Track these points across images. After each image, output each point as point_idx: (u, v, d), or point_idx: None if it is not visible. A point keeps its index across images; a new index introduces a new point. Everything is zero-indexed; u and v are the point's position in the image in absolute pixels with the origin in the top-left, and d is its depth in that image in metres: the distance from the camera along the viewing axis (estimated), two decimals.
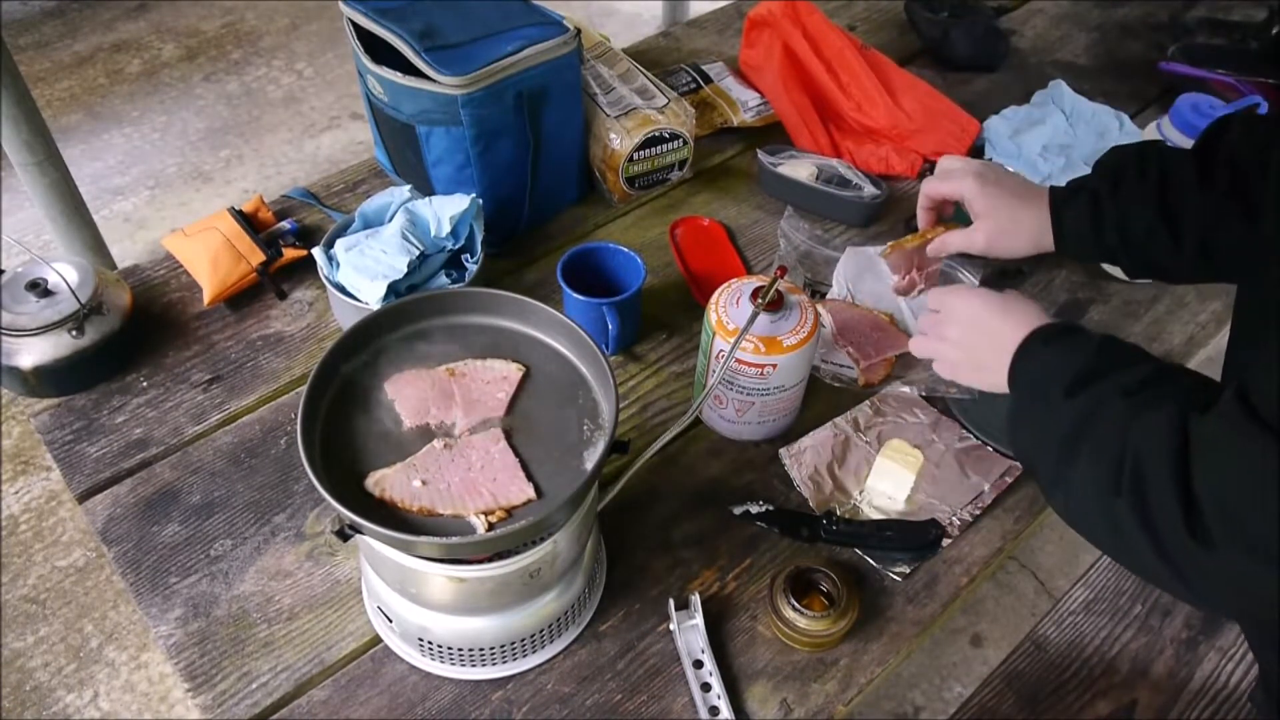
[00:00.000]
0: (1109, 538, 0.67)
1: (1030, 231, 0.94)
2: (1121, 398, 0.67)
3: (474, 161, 1.13)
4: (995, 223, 0.94)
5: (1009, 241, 0.94)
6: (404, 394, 0.78)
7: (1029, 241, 0.94)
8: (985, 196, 0.94)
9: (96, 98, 2.85)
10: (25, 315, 1.00)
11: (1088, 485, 0.66)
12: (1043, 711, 0.97)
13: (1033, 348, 0.77)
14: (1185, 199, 0.87)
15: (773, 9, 1.37)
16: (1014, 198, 0.94)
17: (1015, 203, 0.94)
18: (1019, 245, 0.94)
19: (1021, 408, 0.76)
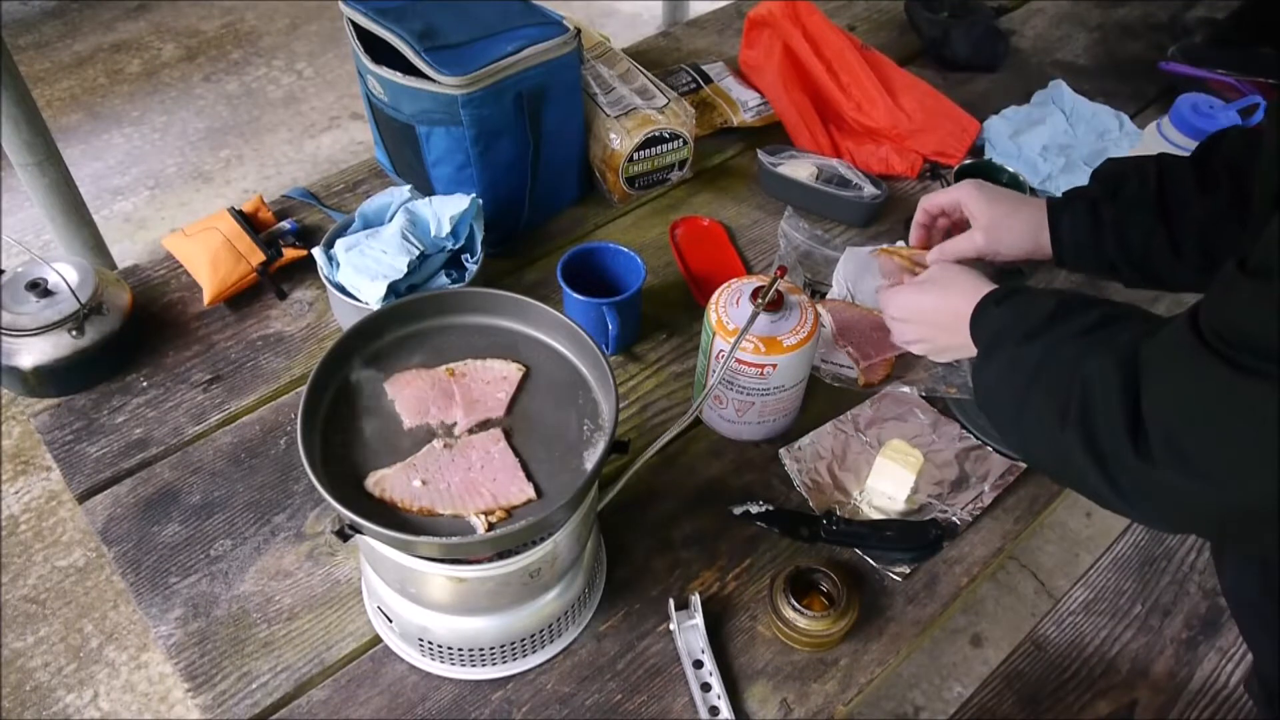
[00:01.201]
0: (1059, 468, 0.70)
1: (1028, 230, 0.94)
2: (1076, 337, 0.69)
3: (474, 161, 1.13)
4: (992, 221, 0.95)
5: (1008, 239, 0.95)
6: (404, 394, 0.78)
7: (1027, 240, 0.95)
8: (982, 200, 0.96)
9: (96, 98, 2.85)
10: (25, 315, 1.00)
11: (1040, 421, 0.68)
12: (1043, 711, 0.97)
13: (986, 310, 0.80)
14: (1185, 205, 0.87)
15: (773, 9, 1.37)
16: (1011, 201, 0.96)
17: (1013, 205, 0.96)
18: (1017, 244, 0.95)
19: (982, 364, 0.78)
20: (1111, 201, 0.90)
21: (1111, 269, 0.94)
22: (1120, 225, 0.89)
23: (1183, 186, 0.88)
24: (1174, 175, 0.89)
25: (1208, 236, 0.87)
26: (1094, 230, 0.91)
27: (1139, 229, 0.89)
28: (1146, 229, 0.89)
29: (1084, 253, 0.93)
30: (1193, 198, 0.87)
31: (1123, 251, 0.90)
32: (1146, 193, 0.89)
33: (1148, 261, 0.90)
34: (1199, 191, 0.87)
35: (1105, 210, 0.90)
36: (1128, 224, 0.89)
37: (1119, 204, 0.90)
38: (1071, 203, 0.93)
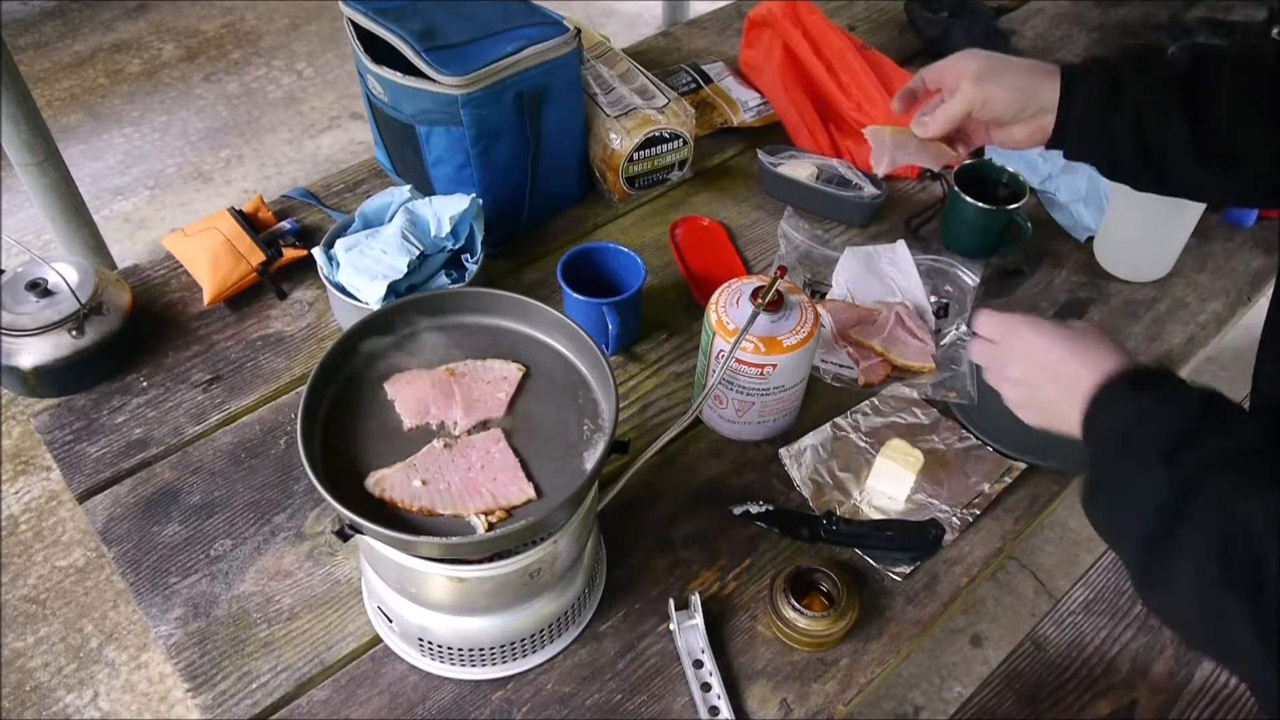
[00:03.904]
0: (1212, 635, 0.57)
1: (1027, 85, 0.83)
2: (1228, 468, 0.57)
3: (474, 161, 1.13)
4: (985, 69, 0.84)
5: (1000, 91, 0.84)
6: (404, 394, 0.78)
7: (1025, 96, 0.83)
8: (982, 59, 0.86)
9: (96, 98, 2.85)
10: (25, 315, 1.00)
11: (1190, 571, 0.56)
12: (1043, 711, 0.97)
13: (1119, 392, 0.66)
14: (1215, 98, 0.77)
15: (773, 9, 1.37)
16: (1015, 63, 0.86)
17: (1013, 61, 0.86)
18: (1011, 99, 0.84)
19: (1102, 467, 0.65)
20: (1137, 75, 0.79)
21: (1112, 159, 0.84)
22: (1141, 104, 0.79)
23: (1219, 77, 0.78)
24: (1210, 65, 0.79)
25: (1238, 138, 0.78)
26: (1109, 102, 0.80)
27: (1161, 112, 0.78)
28: (1169, 114, 0.78)
29: (1092, 128, 0.82)
30: (1228, 92, 0.77)
31: (1136, 135, 0.80)
32: (1176, 74, 0.79)
33: (1160, 152, 0.80)
34: (1236, 87, 0.77)
35: (1128, 83, 0.79)
36: (1150, 104, 0.79)
37: (1144, 79, 0.79)
38: (1090, 69, 0.82)
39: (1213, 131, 0.77)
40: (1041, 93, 0.82)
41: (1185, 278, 1.22)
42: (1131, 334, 1.15)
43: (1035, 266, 1.22)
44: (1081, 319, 1.16)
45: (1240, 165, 0.79)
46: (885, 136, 0.95)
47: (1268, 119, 0.75)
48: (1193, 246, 1.21)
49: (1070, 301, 1.18)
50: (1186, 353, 1.14)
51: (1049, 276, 1.21)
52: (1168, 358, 1.12)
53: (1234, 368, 2.13)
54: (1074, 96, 0.82)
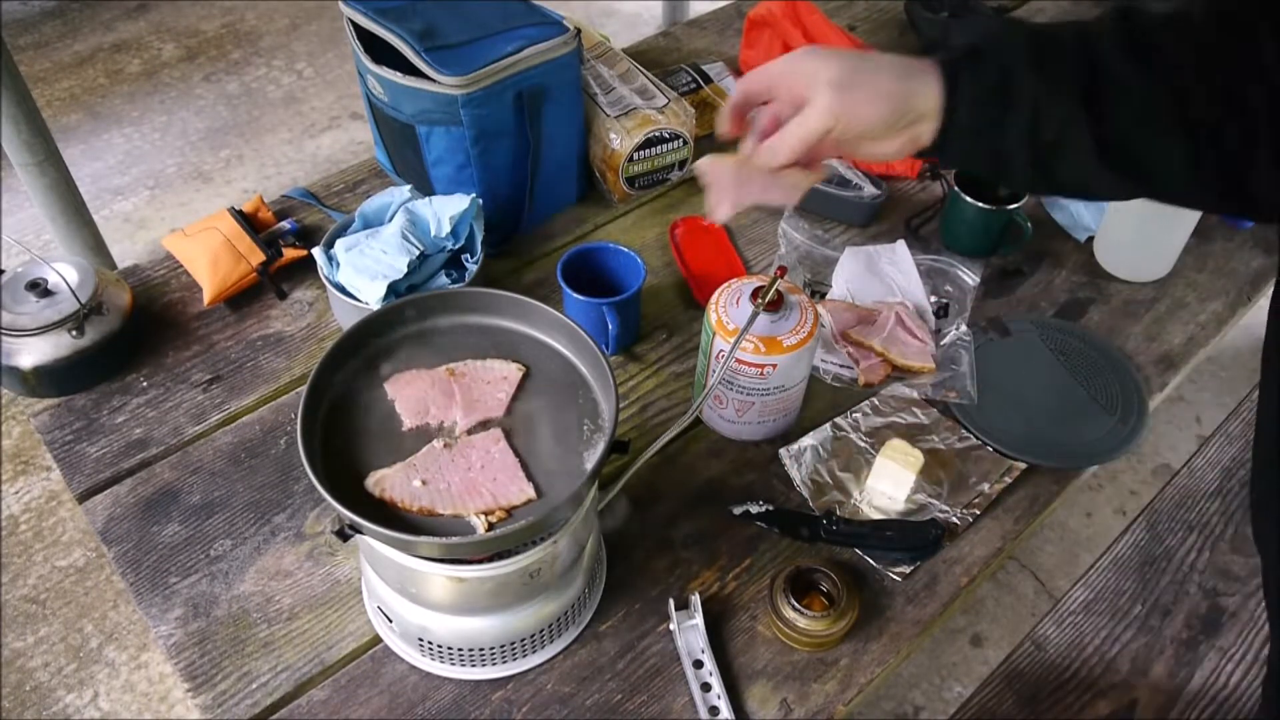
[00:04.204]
0: None
1: (898, 99, 0.66)
2: None
3: (474, 161, 1.13)
4: (843, 74, 0.66)
5: (865, 100, 0.66)
6: (404, 394, 0.78)
7: (897, 112, 0.66)
8: (823, 55, 0.68)
9: (96, 98, 2.85)
10: (25, 315, 1.00)
11: None
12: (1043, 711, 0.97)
13: None
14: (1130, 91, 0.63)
15: (773, 9, 1.37)
16: (878, 62, 0.68)
17: (879, 66, 0.67)
18: (880, 107, 0.66)
19: None
20: (1034, 70, 0.64)
21: (1000, 166, 0.68)
22: (1038, 105, 0.64)
23: (1133, 66, 0.63)
24: (1125, 48, 0.64)
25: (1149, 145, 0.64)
26: (1001, 103, 0.64)
27: (1060, 115, 0.64)
28: (1070, 117, 0.64)
29: (979, 135, 0.67)
30: (1140, 91, 0.63)
31: (1031, 140, 0.65)
32: (1080, 65, 0.64)
33: (1058, 159, 0.66)
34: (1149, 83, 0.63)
35: (1022, 79, 0.64)
36: (1048, 104, 0.64)
37: (1042, 75, 0.64)
38: (974, 62, 0.65)
39: (1120, 138, 0.64)
40: (918, 98, 0.66)
41: (1185, 278, 1.22)
42: (1132, 334, 1.15)
43: (1035, 266, 1.22)
44: (1081, 319, 1.16)
45: (1152, 178, 0.68)
46: (724, 171, 0.73)
47: (1183, 124, 0.62)
48: (1193, 246, 1.22)
49: (1070, 301, 1.18)
50: (1186, 353, 1.14)
51: (1049, 276, 1.21)
52: (1168, 358, 1.12)
53: (1234, 368, 2.13)
54: (959, 99, 0.66)
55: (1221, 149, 0.62)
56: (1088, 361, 1.10)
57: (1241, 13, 0.61)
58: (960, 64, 0.65)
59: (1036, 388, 1.08)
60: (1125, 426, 1.03)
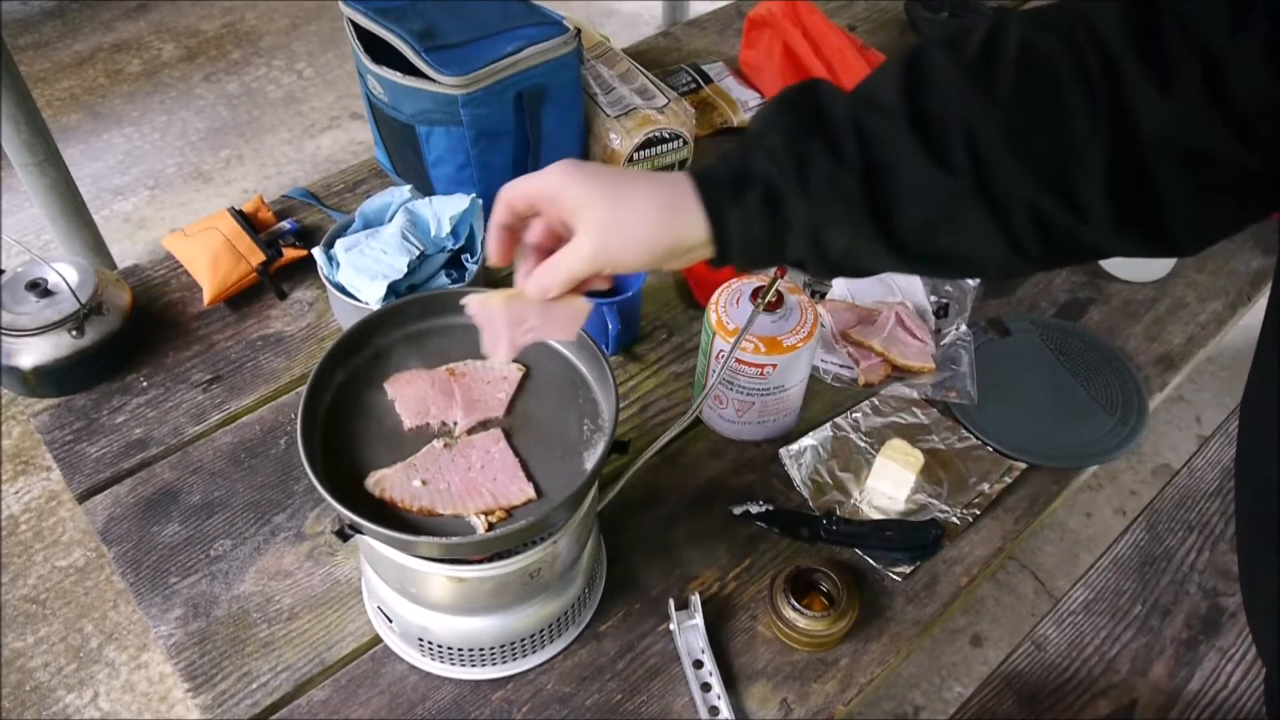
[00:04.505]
0: None
1: (660, 245, 0.61)
2: None
3: (474, 161, 1.13)
4: (600, 215, 0.61)
5: (623, 236, 0.61)
6: (404, 394, 0.78)
7: (663, 254, 0.61)
8: (580, 180, 0.62)
9: (96, 98, 2.85)
10: (25, 315, 1.00)
11: None
12: (1043, 711, 0.97)
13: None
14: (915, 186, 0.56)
15: (773, 9, 1.37)
16: (623, 181, 0.62)
17: (625, 185, 0.62)
18: (641, 243, 0.61)
19: None
20: (801, 191, 0.57)
21: (807, 269, 0.63)
22: (816, 226, 0.58)
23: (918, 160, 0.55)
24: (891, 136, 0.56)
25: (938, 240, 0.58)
26: (775, 228, 0.59)
27: (844, 232, 0.58)
28: (856, 232, 0.58)
29: (761, 257, 0.62)
30: (919, 186, 0.56)
31: (819, 256, 0.60)
32: (854, 171, 0.56)
33: (853, 265, 0.61)
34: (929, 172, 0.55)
35: (793, 203, 0.57)
36: (828, 223, 0.58)
37: (809, 194, 0.57)
38: (738, 187, 0.59)
39: (909, 236, 0.57)
40: (684, 237, 0.60)
41: (1185, 278, 1.22)
42: (1131, 334, 1.15)
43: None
44: (1081, 319, 1.16)
45: (965, 268, 0.64)
46: (494, 311, 0.67)
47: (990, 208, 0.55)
48: None
49: (1070, 301, 1.18)
50: (1186, 353, 1.14)
51: (1049, 276, 1.21)
52: (1168, 358, 1.12)
53: (1234, 368, 2.13)
54: (727, 236, 0.60)
55: (1045, 227, 0.55)
56: (1088, 361, 1.10)
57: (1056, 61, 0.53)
58: (724, 198, 0.59)
59: (1036, 388, 1.08)
60: (1125, 426, 1.03)
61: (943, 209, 0.56)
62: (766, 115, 0.60)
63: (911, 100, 0.56)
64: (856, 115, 0.57)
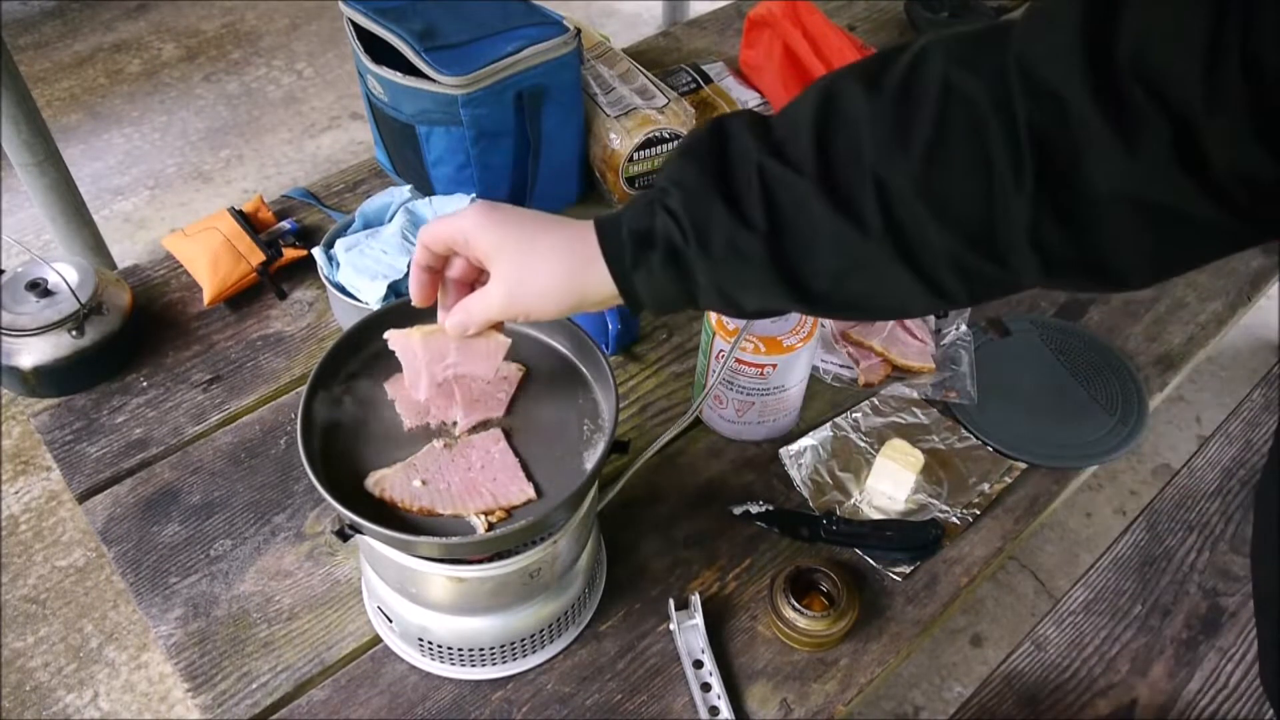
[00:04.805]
0: None
1: (569, 296, 0.62)
2: None
3: (474, 161, 1.13)
4: (510, 265, 0.63)
5: (534, 289, 0.62)
6: (404, 394, 0.78)
7: (557, 308, 0.63)
8: (490, 227, 0.63)
9: (96, 98, 2.85)
10: (25, 315, 1.00)
11: None
12: (1043, 711, 0.97)
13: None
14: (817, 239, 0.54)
15: (773, 9, 1.37)
16: (531, 226, 0.64)
17: (532, 232, 0.63)
18: (550, 295, 0.62)
19: None
20: (702, 251, 0.56)
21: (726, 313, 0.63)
22: (720, 283, 0.57)
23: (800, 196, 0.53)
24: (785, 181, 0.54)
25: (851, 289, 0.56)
26: (680, 285, 0.58)
27: (750, 288, 0.57)
28: (763, 290, 0.57)
29: (669, 309, 0.62)
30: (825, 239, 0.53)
31: (730, 307, 0.60)
32: (755, 225, 0.54)
33: (769, 312, 0.61)
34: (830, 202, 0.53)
35: (694, 261, 0.56)
36: (729, 280, 0.57)
37: (709, 254, 0.56)
38: (642, 250, 0.58)
39: (821, 290, 0.56)
40: (593, 291, 0.61)
41: (1185, 278, 1.22)
42: (1131, 334, 1.15)
43: None
44: (1081, 319, 1.16)
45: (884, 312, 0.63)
46: (415, 346, 0.70)
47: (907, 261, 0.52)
48: None
49: (1070, 302, 1.18)
50: (1186, 353, 1.14)
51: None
52: (1168, 358, 1.13)
53: (1234, 368, 2.13)
54: (635, 291, 0.60)
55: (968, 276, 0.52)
56: (1088, 361, 1.10)
57: None
58: (627, 258, 0.59)
59: (1036, 388, 1.08)
60: (1125, 426, 1.03)
61: (856, 262, 0.54)
62: (672, 166, 0.58)
63: (821, 147, 0.53)
64: (762, 167, 0.54)
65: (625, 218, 0.59)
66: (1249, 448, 1.19)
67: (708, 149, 0.57)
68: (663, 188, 0.58)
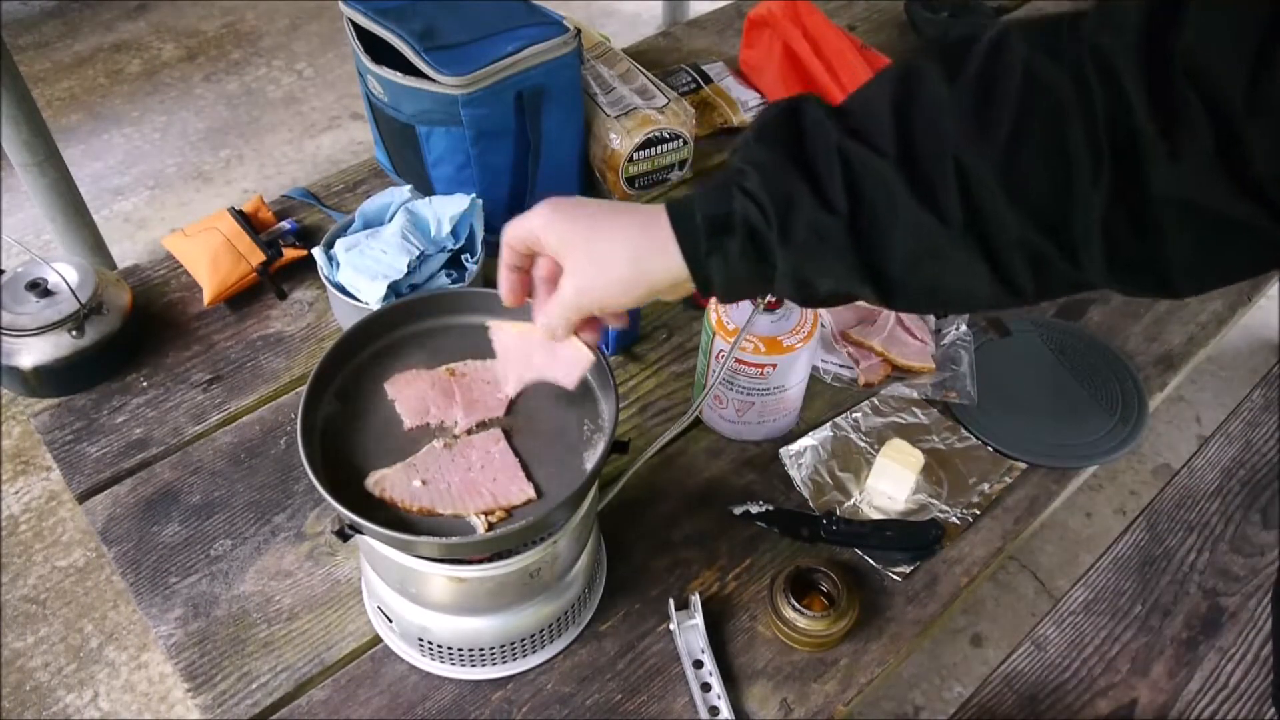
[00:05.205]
0: None
1: (642, 287, 0.61)
2: None
3: (474, 161, 1.13)
4: (577, 256, 0.63)
5: (601, 277, 0.62)
6: (404, 394, 0.78)
7: (630, 297, 0.62)
8: (558, 222, 0.63)
9: (96, 98, 2.85)
10: (25, 315, 1.00)
11: None
12: (1043, 711, 0.97)
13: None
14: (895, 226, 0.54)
15: (773, 9, 1.37)
16: (598, 215, 0.63)
17: (599, 219, 0.62)
18: (616, 282, 0.62)
19: None
20: (783, 237, 0.55)
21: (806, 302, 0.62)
22: (797, 266, 0.56)
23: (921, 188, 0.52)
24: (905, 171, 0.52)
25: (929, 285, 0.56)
26: (757, 268, 0.58)
27: (829, 273, 0.56)
28: (842, 276, 0.56)
29: (744, 292, 0.62)
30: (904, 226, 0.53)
31: (802, 294, 0.59)
32: (838, 211, 0.54)
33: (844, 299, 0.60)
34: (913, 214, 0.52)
35: (771, 247, 0.56)
36: (806, 264, 0.56)
37: (789, 238, 0.55)
38: (720, 235, 0.57)
39: (897, 277, 0.55)
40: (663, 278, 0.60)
41: None
42: (1131, 334, 1.15)
43: None
44: (1081, 319, 1.16)
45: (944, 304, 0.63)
46: (510, 343, 0.73)
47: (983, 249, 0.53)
48: None
49: (1070, 302, 1.18)
50: (1186, 353, 1.14)
51: None
52: (1168, 358, 1.13)
53: (1234, 368, 2.13)
54: (709, 278, 0.60)
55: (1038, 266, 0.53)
56: (1088, 361, 1.10)
57: None
58: (703, 244, 0.58)
59: (1036, 388, 1.08)
60: (1125, 426, 1.03)
61: (933, 246, 0.53)
62: (748, 147, 0.57)
63: (902, 133, 0.52)
64: (843, 149, 0.53)
65: (699, 202, 0.58)
66: (1249, 448, 1.19)
67: (784, 130, 0.56)
68: (739, 169, 0.56)
